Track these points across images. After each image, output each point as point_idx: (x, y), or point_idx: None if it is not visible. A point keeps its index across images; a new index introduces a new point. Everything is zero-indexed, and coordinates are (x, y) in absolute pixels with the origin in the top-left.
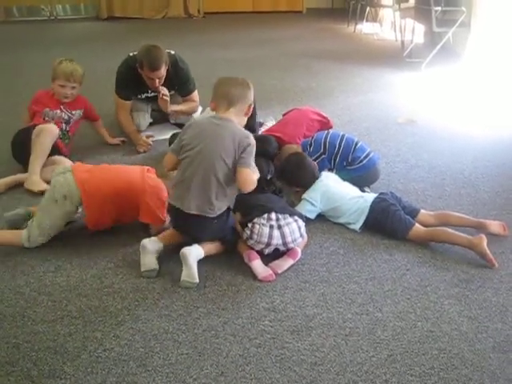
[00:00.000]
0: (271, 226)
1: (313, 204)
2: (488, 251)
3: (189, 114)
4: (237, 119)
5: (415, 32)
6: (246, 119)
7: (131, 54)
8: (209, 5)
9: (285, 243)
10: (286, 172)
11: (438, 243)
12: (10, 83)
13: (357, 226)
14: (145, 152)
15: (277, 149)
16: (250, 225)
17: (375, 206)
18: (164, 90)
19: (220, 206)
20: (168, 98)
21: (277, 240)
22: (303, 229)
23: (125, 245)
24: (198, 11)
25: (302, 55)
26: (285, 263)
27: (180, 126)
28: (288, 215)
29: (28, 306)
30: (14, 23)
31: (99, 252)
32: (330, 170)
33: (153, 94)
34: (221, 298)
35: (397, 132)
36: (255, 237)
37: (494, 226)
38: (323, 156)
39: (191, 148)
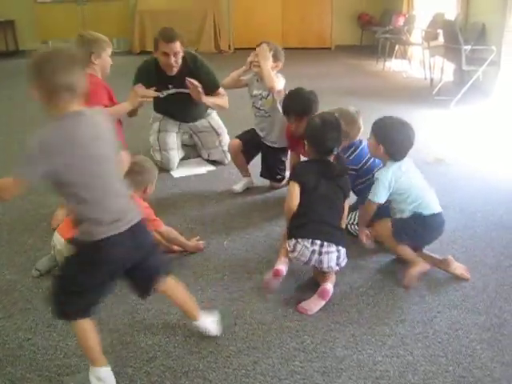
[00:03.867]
0: (313, 251)
1: (386, 187)
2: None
3: (221, 107)
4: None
5: (444, 70)
6: None
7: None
8: (239, 40)
9: (321, 267)
10: (387, 130)
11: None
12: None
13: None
14: (140, 105)
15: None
16: (293, 241)
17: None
18: (193, 81)
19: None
20: (199, 87)
21: (314, 262)
22: (342, 258)
23: None
24: (229, 47)
25: (331, 92)
26: (315, 305)
27: (213, 162)
28: (333, 244)
29: (60, 338)
30: None
31: None
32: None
33: (174, 91)
34: (251, 336)
35: (427, 172)
36: (296, 254)
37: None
38: (353, 173)
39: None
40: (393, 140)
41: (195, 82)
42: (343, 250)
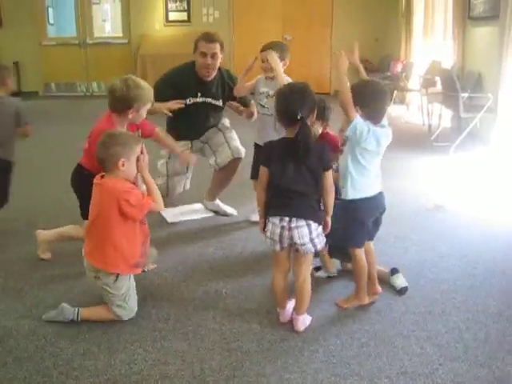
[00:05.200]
0: (282, 227)
1: (359, 128)
2: None
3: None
4: None
5: (442, 116)
6: None
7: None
8: None
9: (295, 244)
10: (362, 92)
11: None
12: (50, 154)
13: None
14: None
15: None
16: (267, 222)
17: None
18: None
19: None
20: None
21: (287, 240)
22: (315, 234)
23: (154, 330)
24: None
25: None
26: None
27: (216, 212)
28: (302, 219)
29: None
30: (52, 98)
31: (129, 336)
32: None
33: (202, 100)
34: None
35: (427, 219)
36: (268, 234)
37: None
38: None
39: None
40: (373, 102)
41: (238, 105)
42: (314, 225)
